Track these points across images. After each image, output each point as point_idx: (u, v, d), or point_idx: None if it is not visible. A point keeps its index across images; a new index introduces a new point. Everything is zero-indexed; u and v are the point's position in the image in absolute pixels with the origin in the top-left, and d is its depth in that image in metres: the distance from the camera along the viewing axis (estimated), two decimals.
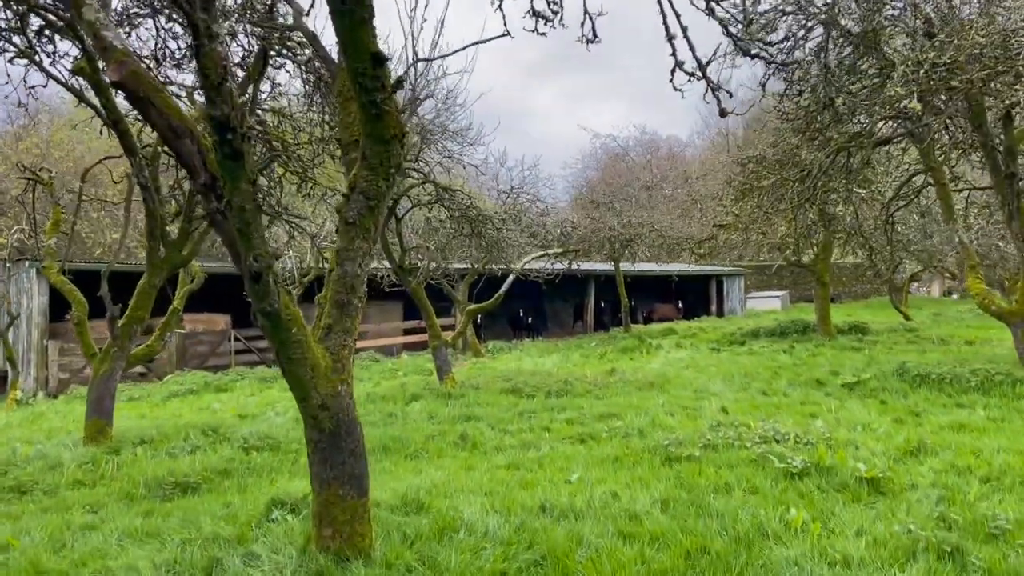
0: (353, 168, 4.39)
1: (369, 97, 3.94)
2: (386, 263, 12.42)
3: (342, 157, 5.27)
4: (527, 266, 18.11)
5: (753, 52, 4.94)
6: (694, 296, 33.68)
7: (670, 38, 4.42)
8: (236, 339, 18.33)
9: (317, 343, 4.32)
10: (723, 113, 4.82)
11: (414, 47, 7.99)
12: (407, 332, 22.07)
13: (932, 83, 9.28)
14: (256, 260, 3.69)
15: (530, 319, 25.62)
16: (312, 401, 4.25)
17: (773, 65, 7.60)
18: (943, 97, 11.40)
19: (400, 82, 4.05)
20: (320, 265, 15.62)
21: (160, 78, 8.45)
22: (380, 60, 3.84)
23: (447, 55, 5.97)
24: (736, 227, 18.92)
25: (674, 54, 4.47)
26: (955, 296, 42.11)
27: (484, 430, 9.00)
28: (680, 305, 31.25)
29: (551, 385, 12.24)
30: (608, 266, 24.77)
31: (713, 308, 33.00)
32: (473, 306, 13.19)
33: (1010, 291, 30.36)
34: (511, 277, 13.24)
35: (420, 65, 7.69)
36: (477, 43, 5.06)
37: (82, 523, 5.84)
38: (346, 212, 4.30)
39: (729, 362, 15.75)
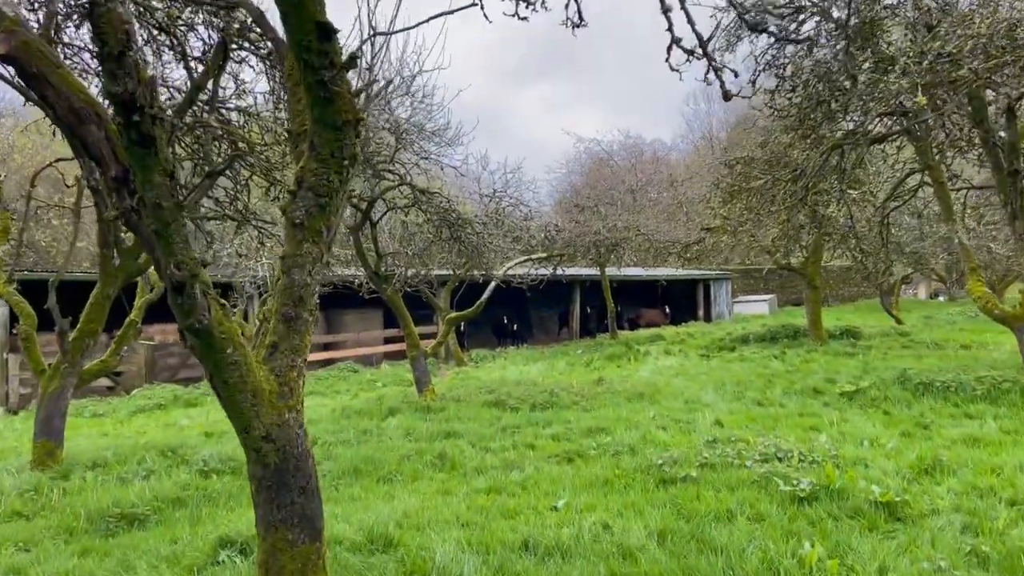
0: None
1: (316, 76, 3.34)
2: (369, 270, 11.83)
3: (291, 150, 4.66)
4: (510, 272, 17.55)
5: (763, 27, 4.39)
6: (681, 301, 33.21)
7: (666, 11, 3.86)
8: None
9: (260, 364, 3.71)
10: (727, 96, 4.28)
11: (370, 19, 7.30)
12: (388, 341, 21.42)
13: (935, 75, 8.82)
14: (178, 268, 3.08)
15: (515, 326, 25.01)
16: (254, 432, 3.64)
17: (780, 41, 6.98)
18: (940, 92, 10.96)
19: (353, 59, 3.46)
20: None
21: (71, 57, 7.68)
22: (327, 32, 3.25)
23: (410, 27, 5.33)
24: (724, 230, 18.43)
25: (670, 28, 3.92)
26: (942, 298, 41.93)
27: (464, 448, 8.40)
28: (667, 310, 30.76)
29: (536, 396, 11.66)
30: (594, 271, 24.25)
31: (701, 313, 32.52)
32: (454, 314, 12.59)
33: (998, 293, 30.15)
34: (493, 283, 12.65)
35: (379, 42, 7.02)
36: (444, 13, 4.48)
37: (8, 565, 5.19)
38: (292, 212, 3.70)
39: (720, 369, 15.23)
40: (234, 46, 8.77)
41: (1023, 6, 8.79)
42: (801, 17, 9.63)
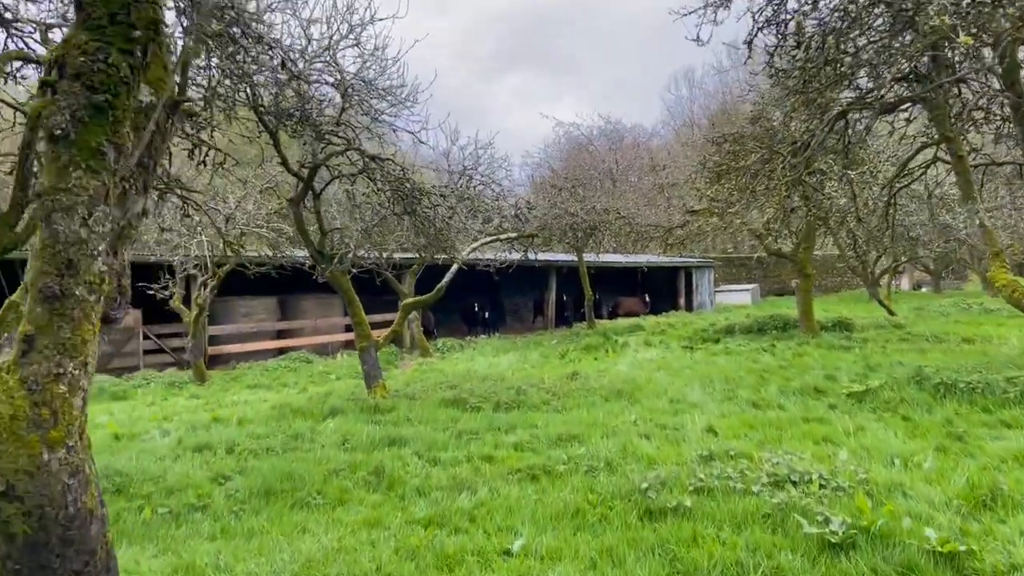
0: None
1: None
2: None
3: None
4: (479, 255, 16.10)
5: None
6: (662, 289, 31.89)
7: None
8: (147, 337, 16.02)
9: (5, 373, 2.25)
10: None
11: None
12: (349, 328, 19.82)
13: (967, 25, 7.50)
14: None
15: (486, 314, 23.55)
16: None
17: None
18: (963, 50, 9.65)
19: None
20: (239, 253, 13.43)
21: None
22: None
23: None
24: (711, 212, 17.09)
25: None
26: (925, 289, 41.05)
27: (408, 460, 6.96)
28: (647, 299, 29.41)
29: (501, 394, 10.25)
30: (570, 257, 22.84)
31: (682, 302, 31.20)
32: (411, 299, 11.13)
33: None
34: (455, 266, 11.20)
35: None
36: None
37: None
38: (53, 118, 2.22)
39: (706, 363, 13.90)
40: None
41: None
42: None
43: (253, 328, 17.68)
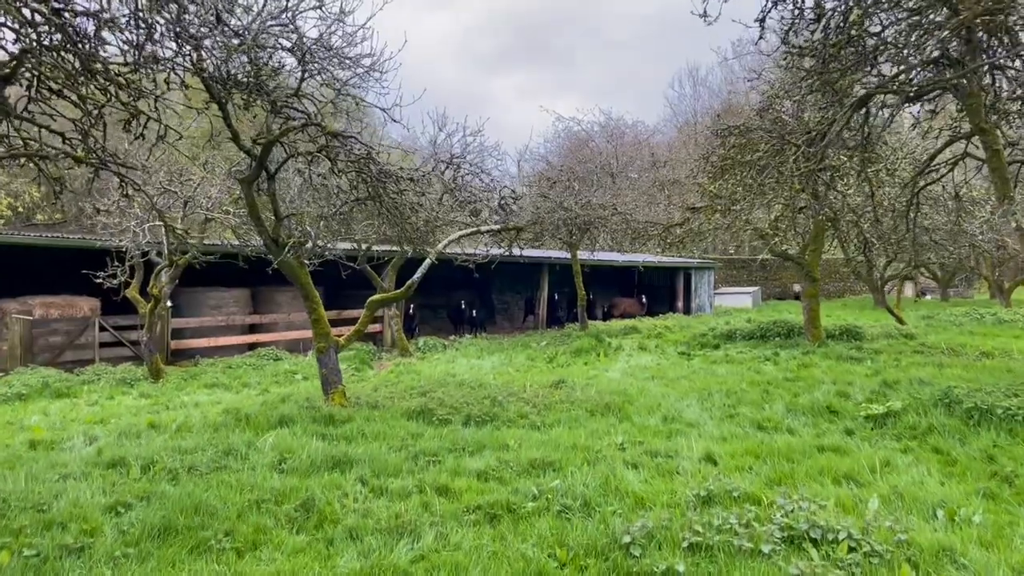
0: None
1: None
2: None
3: None
4: (459, 248, 14.96)
5: None
6: (659, 290, 30.70)
7: None
8: (103, 328, 14.86)
9: None
10: None
11: None
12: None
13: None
14: None
15: (474, 312, 22.37)
16: None
17: None
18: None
19: None
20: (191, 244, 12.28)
21: None
22: None
23: None
24: (714, 209, 15.95)
25: None
26: (928, 296, 39.95)
27: (350, 489, 5.85)
28: (644, 300, 28.23)
29: (475, 405, 9.14)
30: (564, 254, 21.69)
31: (680, 304, 29.99)
32: (377, 296, 9.98)
33: (1008, 293, 28.04)
34: (427, 261, 10.06)
35: None
36: None
37: None
38: None
39: (704, 373, 12.78)
40: None
41: None
42: None
43: (221, 321, 16.50)
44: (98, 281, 11.53)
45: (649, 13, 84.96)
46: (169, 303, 15.49)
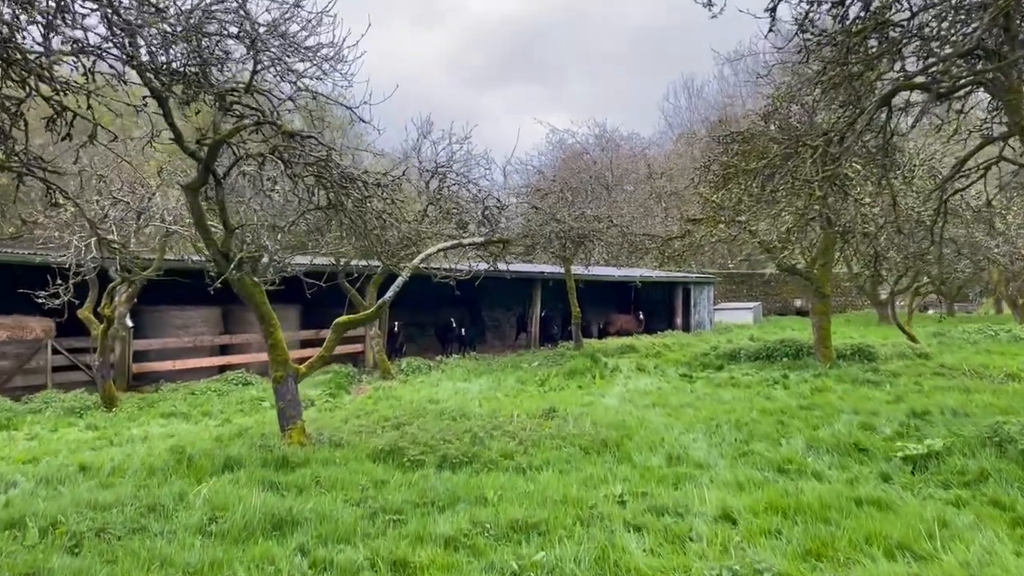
0: None
1: None
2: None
3: None
4: (449, 263, 13.88)
5: None
6: (657, 306, 29.54)
7: None
8: (56, 351, 13.71)
9: None
10: None
11: None
12: (306, 344, 17.53)
13: None
14: None
15: (462, 330, 21.22)
16: None
17: None
18: None
19: None
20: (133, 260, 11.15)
21: None
22: None
23: None
24: (716, 220, 14.91)
25: None
26: (931, 312, 38.90)
27: (284, 565, 4.71)
28: (641, 317, 27.11)
29: (454, 441, 8.02)
30: (558, 269, 20.57)
31: (679, 320, 28.81)
32: (344, 318, 8.86)
33: (1022, 310, 26.99)
34: (401, 277, 8.95)
35: None
36: None
37: None
38: None
39: (709, 399, 11.68)
40: None
41: None
42: None
43: (188, 343, 15.34)
44: (39, 301, 10.38)
45: (638, 25, 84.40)
46: (130, 323, 14.34)
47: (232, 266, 7.32)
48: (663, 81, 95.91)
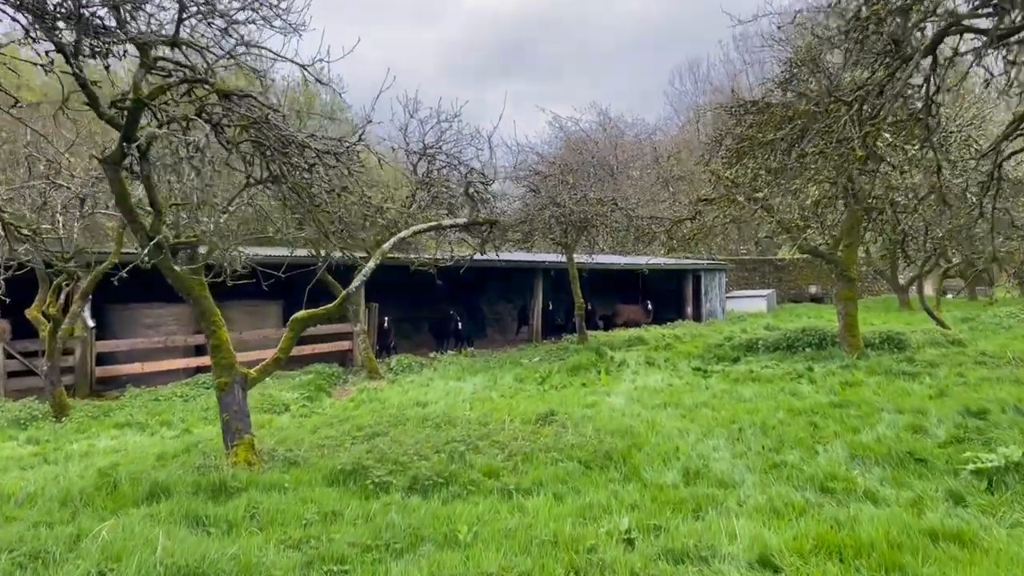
0: None
1: None
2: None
3: None
4: (431, 251, 12.63)
5: None
6: (666, 295, 28.12)
7: None
8: (10, 355, 12.52)
9: None
10: None
11: None
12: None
13: None
14: None
15: (459, 324, 19.94)
16: None
17: None
18: None
19: None
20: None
21: None
22: None
23: None
24: (730, 199, 13.60)
25: None
26: (950, 296, 37.41)
27: None
28: (649, 306, 25.73)
29: (431, 455, 6.80)
30: (560, 257, 19.28)
31: (689, 310, 27.37)
32: (302, 313, 7.62)
33: None
34: (368, 266, 7.70)
35: None
36: None
37: None
38: None
39: (728, 397, 10.39)
40: None
41: None
42: None
43: (159, 343, 14.15)
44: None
45: (635, 18, 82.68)
46: (91, 322, 13.15)
47: (160, 254, 6.06)
48: (666, 71, 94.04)
